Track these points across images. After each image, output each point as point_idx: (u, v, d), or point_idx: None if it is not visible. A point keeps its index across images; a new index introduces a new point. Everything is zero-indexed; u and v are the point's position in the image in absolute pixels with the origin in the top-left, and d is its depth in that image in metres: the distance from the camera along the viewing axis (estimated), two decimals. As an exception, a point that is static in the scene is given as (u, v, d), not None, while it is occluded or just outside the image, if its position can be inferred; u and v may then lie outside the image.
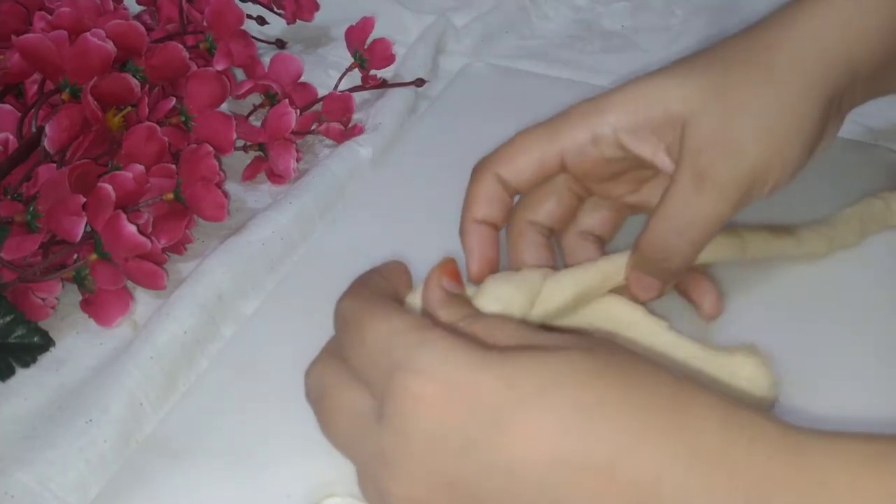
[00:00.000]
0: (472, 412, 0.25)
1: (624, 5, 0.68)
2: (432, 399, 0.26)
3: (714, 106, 0.34)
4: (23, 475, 0.33)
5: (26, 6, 0.48)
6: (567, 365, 0.26)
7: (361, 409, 0.28)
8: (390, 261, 0.35)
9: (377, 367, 0.28)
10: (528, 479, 0.25)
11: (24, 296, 0.40)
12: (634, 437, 0.24)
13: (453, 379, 0.26)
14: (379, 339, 0.28)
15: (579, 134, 0.36)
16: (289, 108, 0.48)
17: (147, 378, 0.37)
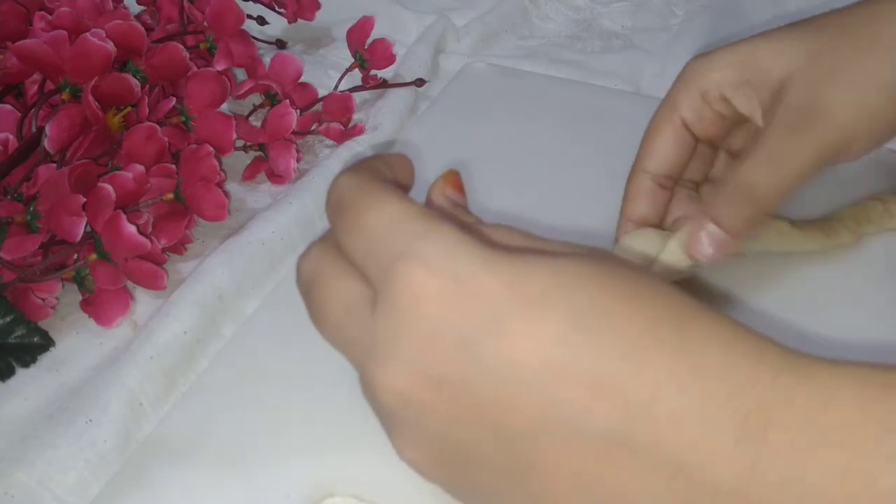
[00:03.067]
0: (471, 310, 0.24)
1: (624, 5, 0.68)
2: (433, 292, 0.25)
3: (810, 69, 0.36)
4: (23, 475, 0.33)
5: (26, 6, 0.48)
6: (573, 270, 0.25)
7: (356, 297, 0.27)
8: (396, 152, 0.33)
9: (376, 253, 0.26)
10: (518, 384, 0.24)
11: (24, 296, 0.40)
12: (632, 351, 0.23)
13: (457, 274, 0.25)
14: (380, 223, 0.26)
15: (691, 95, 0.39)
16: (289, 108, 0.48)
17: (147, 378, 0.37)
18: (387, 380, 0.25)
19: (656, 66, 0.61)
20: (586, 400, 0.23)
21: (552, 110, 0.55)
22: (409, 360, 0.25)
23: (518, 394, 0.24)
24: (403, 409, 0.26)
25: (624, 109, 0.54)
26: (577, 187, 0.47)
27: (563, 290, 0.24)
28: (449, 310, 0.25)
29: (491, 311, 0.24)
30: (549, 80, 0.59)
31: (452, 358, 0.25)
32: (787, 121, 0.36)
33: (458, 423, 0.25)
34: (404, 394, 0.25)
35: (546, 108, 0.55)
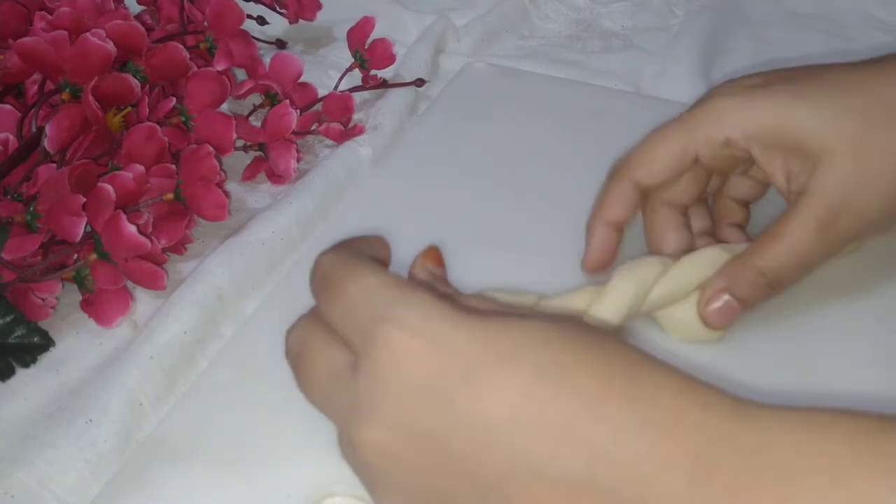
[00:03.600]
0: (446, 367, 0.26)
1: (624, 5, 0.68)
2: (410, 350, 0.26)
3: (847, 153, 0.36)
4: (23, 475, 0.33)
5: (26, 6, 0.48)
6: (539, 329, 0.27)
7: (339, 363, 0.29)
8: (371, 234, 0.36)
9: (357, 319, 0.28)
10: (490, 434, 0.26)
11: (24, 296, 0.40)
12: (591, 401, 0.25)
13: (432, 334, 0.27)
14: (360, 293, 0.28)
15: (714, 134, 0.39)
16: (289, 108, 0.48)
17: (147, 378, 0.37)
18: (368, 436, 0.27)
19: (656, 66, 0.61)
20: (552, 447, 0.25)
21: (552, 110, 0.55)
22: (389, 415, 0.27)
23: (489, 444, 0.26)
24: (384, 463, 0.27)
25: (624, 109, 0.54)
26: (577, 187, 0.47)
27: (529, 346, 0.26)
28: (425, 366, 0.26)
29: (463, 367, 0.26)
30: (549, 80, 0.59)
31: (429, 412, 0.26)
32: (818, 217, 0.36)
33: (435, 474, 0.27)
34: (384, 448, 0.27)
35: (546, 108, 0.55)
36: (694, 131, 0.39)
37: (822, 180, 0.36)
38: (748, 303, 0.38)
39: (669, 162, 0.40)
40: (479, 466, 0.26)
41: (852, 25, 0.65)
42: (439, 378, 0.26)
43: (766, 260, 0.37)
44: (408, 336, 0.27)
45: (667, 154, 0.40)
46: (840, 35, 0.64)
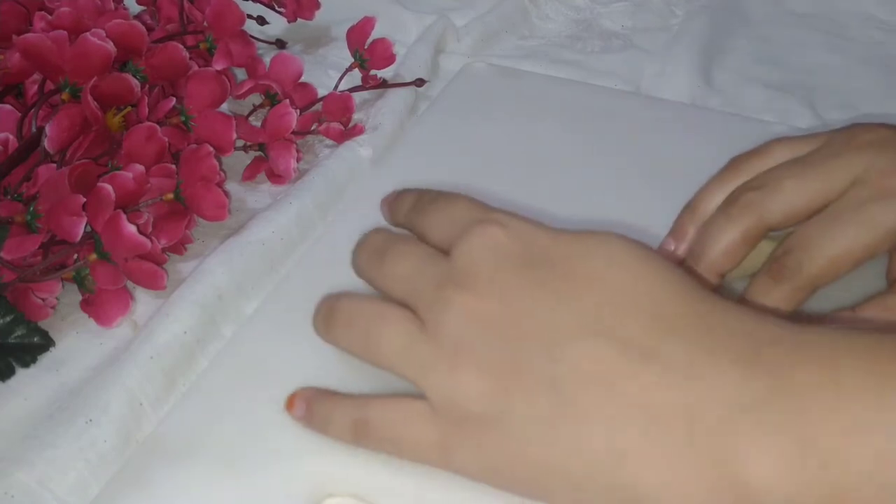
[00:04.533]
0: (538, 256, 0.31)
1: (624, 5, 0.68)
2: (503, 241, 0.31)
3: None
4: (23, 475, 0.33)
5: (26, 6, 0.48)
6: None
7: (429, 252, 0.33)
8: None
9: (455, 221, 0.33)
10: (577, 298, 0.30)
11: (24, 296, 0.40)
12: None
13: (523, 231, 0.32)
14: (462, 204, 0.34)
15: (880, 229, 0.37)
16: (289, 108, 0.48)
17: (147, 378, 0.37)
18: (461, 298, 0.30)
19: (656, 66, 0.61)
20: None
21: (552, 110, 0.55)
22: (483, 280, 0.30)
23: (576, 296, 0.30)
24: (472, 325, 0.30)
25: (624, 109, 0.54)
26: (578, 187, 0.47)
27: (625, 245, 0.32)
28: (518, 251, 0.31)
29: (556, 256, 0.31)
30: (549, 80, 0.59)
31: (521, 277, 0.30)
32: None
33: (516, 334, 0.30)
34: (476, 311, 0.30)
35: (546, 108, 0.55)
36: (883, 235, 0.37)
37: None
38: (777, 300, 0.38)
39: (802, 210, 0.38)
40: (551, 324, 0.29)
41: (852, 25, 0.66)
42: (525, 256, 0.31)
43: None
44: (504, 231, 0.31)
45: (803, 203, 0.38)
46: (840, 35, 0.64)
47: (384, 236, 0.35)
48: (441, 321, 0.30)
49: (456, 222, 0.33)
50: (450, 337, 0.30)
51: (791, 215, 0.38)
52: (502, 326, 0.30)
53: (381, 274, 0.34)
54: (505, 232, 0.31)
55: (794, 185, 0.38)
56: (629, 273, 0.30)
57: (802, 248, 0.37)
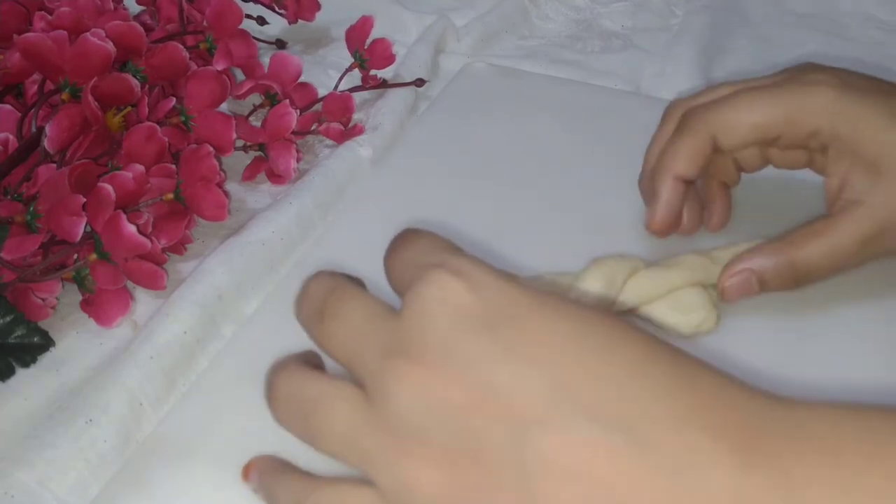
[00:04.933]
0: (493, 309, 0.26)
1: (624, 5, 0.68)
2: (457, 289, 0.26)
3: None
4: (23, 475, 0.33)
5: (26, 6, 0.48)
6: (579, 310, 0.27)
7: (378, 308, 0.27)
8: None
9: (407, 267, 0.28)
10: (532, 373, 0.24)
11: (24, 296, 0.40)
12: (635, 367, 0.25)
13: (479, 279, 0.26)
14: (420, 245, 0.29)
15: (806, 120, 0.38)
16: (289, 108, 0.48)
17: (147, 378, 0.37)
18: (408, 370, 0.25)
19: (656, 66, 0.61)
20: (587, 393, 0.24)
21: (552, 110, 0.55)
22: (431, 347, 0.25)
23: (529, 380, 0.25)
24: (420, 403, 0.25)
25: (624, 109, 0.54)
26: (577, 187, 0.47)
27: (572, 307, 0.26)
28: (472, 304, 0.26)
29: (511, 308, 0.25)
30: (549, 80, 0.59)
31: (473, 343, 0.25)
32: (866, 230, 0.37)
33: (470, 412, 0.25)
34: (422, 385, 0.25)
35: (546, 108, 0.55)
36: (788, 109, 0.38)
37: (880, 196, 0.37)
38: (768, 287, 0.38)
39: (753, 133, 0.39)
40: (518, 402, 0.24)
41: (852, 25, 0.65)
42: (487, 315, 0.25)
43: (802, 254, 0.38)
44: (461, 282, 0.26)
45: (755, 125, 0.39)
46: (840, 35, 0.64)
47: (327, 283, 0.29)
48: (387, 399, 0.25)
49: (408, 264, 0.28)
50: (398, 419, 0.25)
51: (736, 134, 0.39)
52: (458, 405, 0.25)
53: (322, 333, 0.29)
54: (462, 283, 0.26)
55: (743, 100, 0.39)
56: (608, 337, 0.25)
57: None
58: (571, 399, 0.24)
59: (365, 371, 0.27)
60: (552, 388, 0.24)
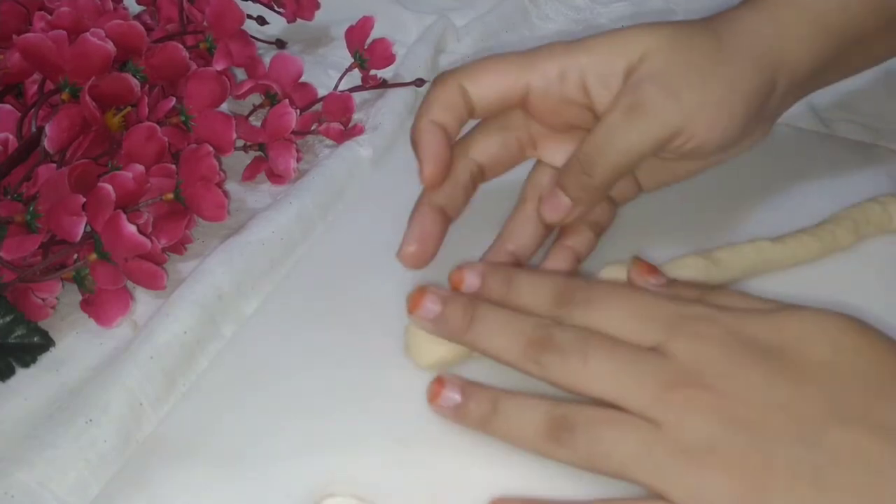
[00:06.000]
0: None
1: (624, 5, 0.68)
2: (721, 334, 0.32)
3: (664, 54, 0.37)
4: (23, 475, 0.33)
5: (26, 6, 0.48)
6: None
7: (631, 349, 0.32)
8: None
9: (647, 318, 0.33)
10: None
11: (24, 296, 0.40)
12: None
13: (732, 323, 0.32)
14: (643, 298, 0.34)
15: (549, 68, 0.38)
16: (289, 108, 0.48)
17: (147, 378, 0.37)
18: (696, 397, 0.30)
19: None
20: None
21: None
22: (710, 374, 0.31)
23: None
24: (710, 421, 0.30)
25: (624, 109, 0.54)
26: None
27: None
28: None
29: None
30: (549, 80, 0.59)
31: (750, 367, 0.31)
32: (628, 101, 0.36)
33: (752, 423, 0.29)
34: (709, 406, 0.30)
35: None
36: (530, 64, 0.38)
37: (636, 73, 0.37)
38: (573, 196, 0.38)
39: (501, 82, 0.38)
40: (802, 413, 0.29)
41: (852, 25, 0.65)
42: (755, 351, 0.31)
43: (582, 147, 0.37)
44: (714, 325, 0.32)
45: (500, 73, 0.38)
46: (840, 35, 0.64)
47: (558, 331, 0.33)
48: (681, 422, 0.29)
49: (650, 317, 0.32)
50: (693, 438, 0.29)
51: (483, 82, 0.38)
52: (745, 422, 0.29)
53: (580, 373, 0.32)
54: (715, 326, 0.31)
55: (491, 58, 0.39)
56: (858, 356, 0.30)
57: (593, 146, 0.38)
58: (842, 411, 0.29)
59: (643, 403, 0.30)
60: (827, 399, 0.29)
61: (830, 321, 0.31)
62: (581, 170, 0.37)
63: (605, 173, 0.37)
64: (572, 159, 0.38)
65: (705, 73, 0.36)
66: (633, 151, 0.37)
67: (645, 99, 0.36)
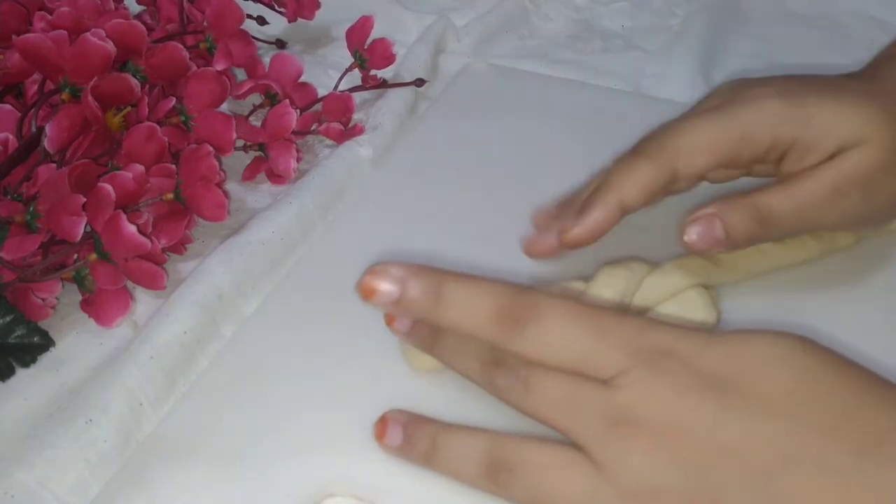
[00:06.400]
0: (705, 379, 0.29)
1: (624, 5, 0.68)
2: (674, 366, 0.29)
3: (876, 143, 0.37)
4: (23, 475, 0.33)
5: (26, 6, 0.48)
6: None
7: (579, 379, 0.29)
8: None
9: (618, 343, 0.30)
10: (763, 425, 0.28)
11: (24, 296, 0.40)
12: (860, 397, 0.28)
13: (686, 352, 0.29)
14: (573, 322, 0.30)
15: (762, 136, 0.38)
16: (289, 108, 0.48)
17: (147, 378, 0.37)
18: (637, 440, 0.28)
19: (656, 66, 0.61)
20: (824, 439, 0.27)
21: (552, 110, 0.55)
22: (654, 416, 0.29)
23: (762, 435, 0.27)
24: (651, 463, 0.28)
25: (624, 109, 0.54)
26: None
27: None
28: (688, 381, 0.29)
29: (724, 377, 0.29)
30: (549, 80, 0.59)
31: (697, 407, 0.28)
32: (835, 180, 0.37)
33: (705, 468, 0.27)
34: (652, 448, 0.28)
35: (546, 108, 0.55)
36: (743, 128, 0.37)
37: (848, 157, 0.37)
38: (731, 234, 0.36)
39: (714, 158, 0.38)
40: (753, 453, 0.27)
41: (852, 25, 0.65)
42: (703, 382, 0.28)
43: (765, 198, 0.37)
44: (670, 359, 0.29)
45: (713, 153, 0.38)
46: (840, 35, 0.64)
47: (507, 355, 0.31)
48: (621, 462, 0.28)
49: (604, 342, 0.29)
50: (633, 480, 0.28)
51: (697, 162, 0.38)
52: (692, 463, 0.27)
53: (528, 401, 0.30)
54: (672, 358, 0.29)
55: (699, 126, 0.38)
56: (820, 384, 0.28)
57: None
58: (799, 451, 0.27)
59: (586, 437, 0.29)
60: (782, 437, 0.27)
61: (789, 345, 0.29)
62: (754, 217, 0.36)
63: (776, 234, 0.37)
64: (748, 203, 0.36)
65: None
66: (820, 227, 0.38)
67: (852, 188, 0.36)
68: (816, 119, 0.37)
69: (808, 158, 0.37)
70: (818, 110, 0.37)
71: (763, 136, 0.37)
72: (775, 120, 0.37)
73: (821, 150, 0.37)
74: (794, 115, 0.37)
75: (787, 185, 0.37)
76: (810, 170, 0.37)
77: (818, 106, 0.37)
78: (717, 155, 0.38)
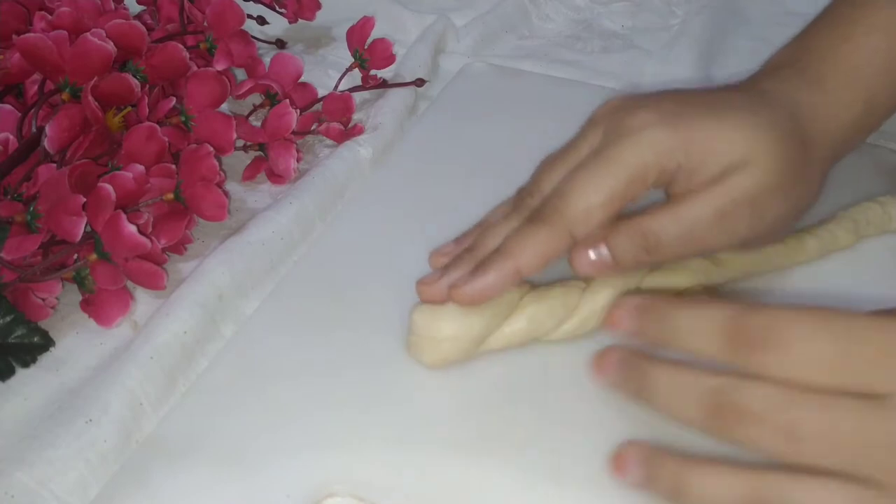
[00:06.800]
0: None
1: (624, 5, 0.68)
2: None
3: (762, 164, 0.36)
4: (23, 475, 0.33)
5: (26, 6, 0.48)
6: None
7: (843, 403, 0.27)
8: None
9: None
10: None
11: (24, 296, 0.40)
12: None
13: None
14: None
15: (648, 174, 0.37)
16: (289, 108, 0.48)
17: (147, 378, 0.37)
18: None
19: (656, 66, 0.61)
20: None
21: (552, 110, 0.55)
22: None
23: None
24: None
25: (624, 109, 0.54)
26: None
27: None
28: None
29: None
30: (549, 80, 0.59)
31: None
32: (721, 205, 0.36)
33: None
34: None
35: (546, 108, 0.55)
36: (630, 174, 0.36)
37: (733, 180, 0.36)
38: (619, 260, 0.36)
39: (608, 214, 0.36)
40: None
41: (852, 25, 0.65)
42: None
43: (653, 223, 0.36)
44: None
45: (606, 208, 0.36)
46: (840, 35, 0.64)
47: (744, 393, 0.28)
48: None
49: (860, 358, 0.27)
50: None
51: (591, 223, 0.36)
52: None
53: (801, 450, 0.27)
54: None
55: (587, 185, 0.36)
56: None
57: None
58: None
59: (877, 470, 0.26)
60: None
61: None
62: (642, 245, 0.36)
63: (664, 258, 0.36)
64: (635, 228, 0.36)
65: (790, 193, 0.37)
66: (708, 249, 0.37)
67: (738, 215, 0.36)
68: (699, 144, 0.36)
69: (695, 181, 0.36)
70: (701, 134, 0.36)
71: (649, 171, 0.36)
72: (659, 149, 0.36)
73: (706, 173, 0.36)
74: (677, 142, 0.36)
75: (674, 208, 0.36)
76: (697, 192, 0.36)
77: (701, 130, 0.36)
78: (610, 209, 0.36)
